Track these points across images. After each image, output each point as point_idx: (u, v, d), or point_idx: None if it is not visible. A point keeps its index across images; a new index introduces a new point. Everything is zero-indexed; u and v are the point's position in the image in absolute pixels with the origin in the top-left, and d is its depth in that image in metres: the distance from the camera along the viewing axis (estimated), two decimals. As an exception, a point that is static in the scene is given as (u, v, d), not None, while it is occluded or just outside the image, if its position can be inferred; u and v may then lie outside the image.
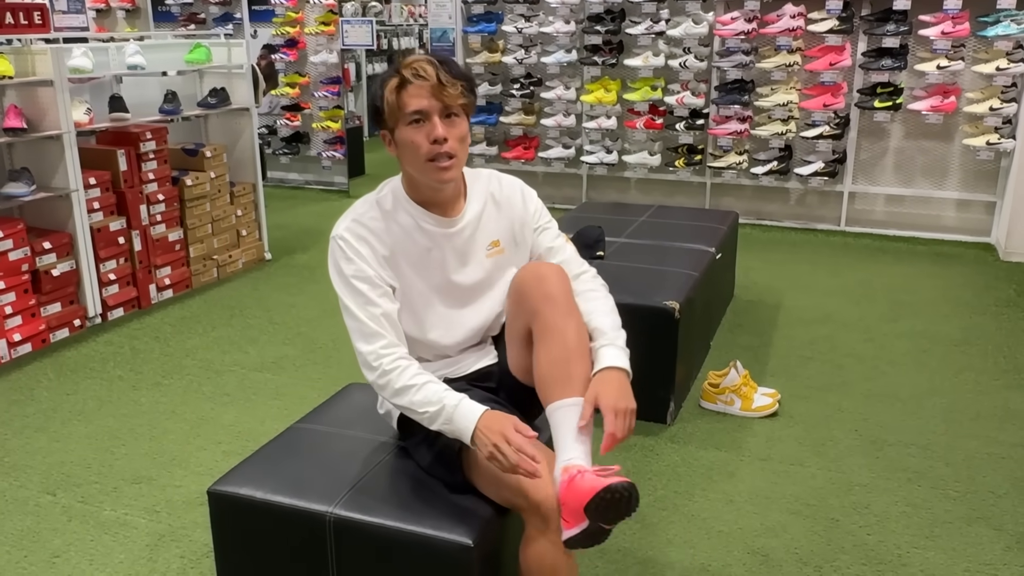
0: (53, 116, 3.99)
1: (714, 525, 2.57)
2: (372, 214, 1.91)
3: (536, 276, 1.86)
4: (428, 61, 1.82)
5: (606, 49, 6.12)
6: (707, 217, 4.41)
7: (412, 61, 1.82)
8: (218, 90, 4.99)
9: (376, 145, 9.53)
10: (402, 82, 1.81)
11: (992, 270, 5.04)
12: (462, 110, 1.84)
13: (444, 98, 1.80)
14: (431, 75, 1.79)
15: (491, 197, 2.00)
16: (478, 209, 1.97)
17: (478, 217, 1.97)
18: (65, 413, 3.35)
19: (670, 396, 3.16)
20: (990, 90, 5.33)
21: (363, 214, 1.91)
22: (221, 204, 4.97)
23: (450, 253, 1.94)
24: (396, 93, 1.82)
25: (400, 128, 1.84)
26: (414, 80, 1.80)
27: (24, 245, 3.88)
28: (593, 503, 1.59)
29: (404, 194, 1.94)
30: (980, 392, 3.43)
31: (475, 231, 1.96)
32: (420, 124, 1.81)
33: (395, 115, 1.83)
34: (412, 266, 1.92)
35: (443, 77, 1.79)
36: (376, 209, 1.92)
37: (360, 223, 1.90)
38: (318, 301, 4.59)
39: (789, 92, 5.73)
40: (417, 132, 1.81)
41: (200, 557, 2.44)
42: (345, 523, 1.83)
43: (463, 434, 1.73)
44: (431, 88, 1.79)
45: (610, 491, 1.59)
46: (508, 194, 2.02)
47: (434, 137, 1.80)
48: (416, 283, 1.93)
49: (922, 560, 2.39)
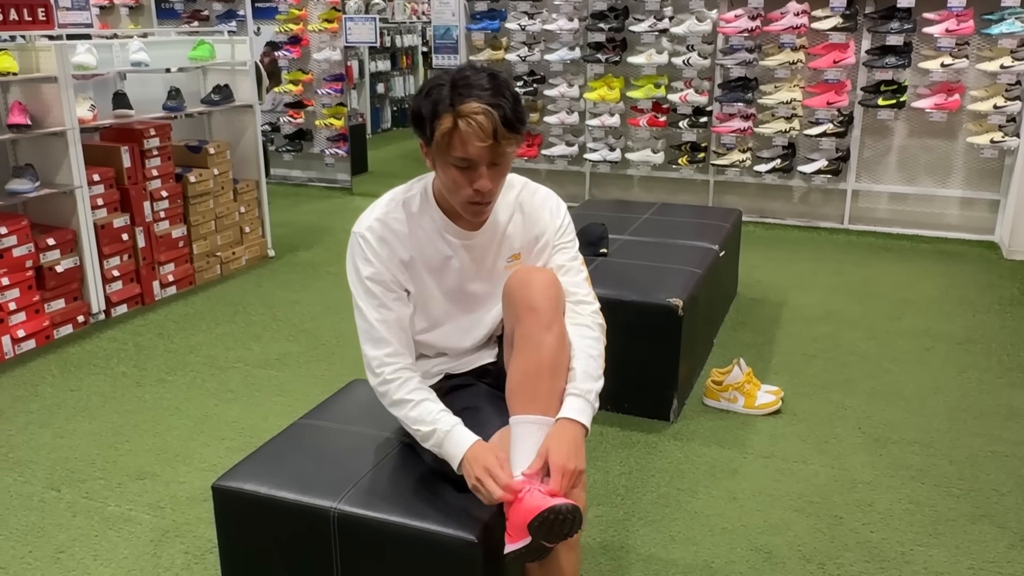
0: (57, 113, 4.00)
1: (717, 522, 2.57)
2: (397, 215, 1.87)
3: (523, 283, 1.83)
4: (486, 114, 1.66)
5: (609, 47, 6.11)
6: (710, 215, 4.41)
7: (470, 111, 1.67)
8: (221, 87, 5.00)
9: (379, 142, 9.54)
10: (454, 127, 1.69)
11: (996, 268, 5.03)
12: (511, 154, 1.76)
13: (495, 153, 1.71)
14: (487, 132, 1.67)
15: (520, 207, 1.95)
16: (504, 221, 1.93)
17: (503, 229, 1.93)
18: (69, 409, 3.35)
19: (673, 393, 3.16)
20: (994, 88, 5.32)
21: (388, 213, 1.87)
22: (224, 201, 4.98)
23: (470, 263, 1.92)
24: (447, 135, 1.69)
25: (443, 163, 1.75)
26: (467, 132, 1.68)
27: (28, 241, 3.89)
28: (536, 521, 1.60)
29: (433, 199, 1.89)
30: (983, 390, 3.42)
31: (498, 244, 1.94)
32: (464, 169, 1.73)
33: (440, 150, 1.73)
34: (431, 272, 1.91)
35: (500, 134, 1.68)
36: (402, 210, 1.88)
37: (384, 223, 1.86)
38: (321, 298, 4.59)
39: (793, 90, 5.72)
40: (460, 175, 1.74)
41: (204, 553, 2.45)
42: (349, 519, 1.83)
43: (451, 460, 1.76)
44: (486, 146, 1.69)
45: (554, 512, 1.60)
46: (537, 205, 1.96)
47: (477, 187, 1.74)
48: (432, 289, 1.92)
49: (925, 558, 2.39)
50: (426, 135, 1.74)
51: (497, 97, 1.69)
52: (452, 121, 1.68)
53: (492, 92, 1.69)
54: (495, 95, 1.69)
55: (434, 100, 1.71)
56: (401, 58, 10.70)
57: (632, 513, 2.61)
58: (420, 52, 10.83)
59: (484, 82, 1.70)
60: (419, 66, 10.91)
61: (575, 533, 1.65)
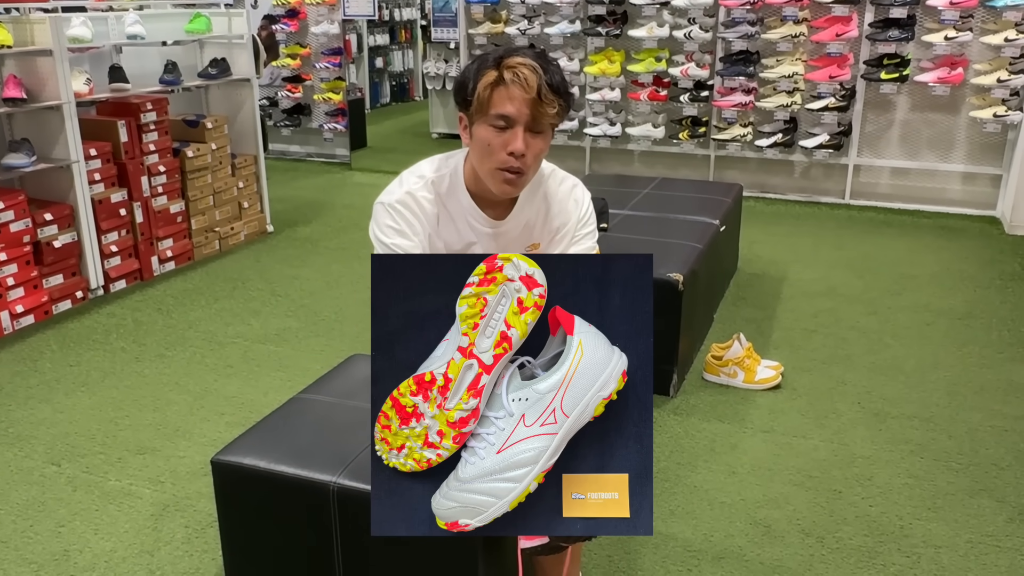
0: (53, 86, 3.96)
1: (717, 496, 2.57)
2: (425, 194, 1.83)
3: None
4: (532, 67, 1.68)
5: (610, 20, 6.05)
6: (711, 190, 4.39)
7: (516, 61, 1.68)
8: (219, 60, 4.95)
9: (378, 117, 9.48)
10: (499, 80, 1.68)
11: (997, 243, 5.02)
12: (550, 126, 1.74)
13: (537, 112, 1.69)
14: (532, 86, 1.67)
15: (544, 197, 1.91)
16: (529, 212, 1.90)
17: (527, 220, 1.91)
18: (69, 384, 3.35)
19: (673, 368, 3.16)
20: (998, 61, 5.27)
21: (417, 191, 1.82)
22: (223, 176, 4.95)
23: (492, 251, 1.88)
24: (489, 89, 1.69)
25: (481, 124, 1.72)
26: (512, 83, 1.67)
27: (25, 216, 3.87)
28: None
29: (462, 181, 1.84)
30: (983, 365, 3.42)
31: (519, 233, 1.91)
32: (502, 129, 1.70)
33: (481, 110, 1.71)
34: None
35: (543, 91, 1.67)
36: (430, 189, 1.84)
37: (413, 197, 1.82)
38: (321, 273, 4.58)
39: (795, 63, 5.67)
40: (496, 136, 1.71)
41: (204, 527, 2.45)
42: (349, 492, 1.83)
43: None
44: (528, 99, 1.67)
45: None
46: (563, 196, 1.93)
47: (511, 149, 1.70)
48: None
49: (924, 531, 2.40)
50: (468, 96, 1.72)
51: (543, 61, 1.72)
52: (497, 74, 1.68)
53: (538, 57, 1.73)
54: (541, 59, 1.72)
55: (480, 61, 1.73)
56: (400, 32, 10.61)
57: (632, 487, 2.61)
58: (419, 26, 10.73)
59: (530, 50, 1.74)
60: (418, 40, 10.82)
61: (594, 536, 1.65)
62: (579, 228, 1.95)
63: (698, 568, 2.26)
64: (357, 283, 4.39)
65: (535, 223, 1.92)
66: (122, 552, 2.36)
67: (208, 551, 2.35)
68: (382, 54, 10.38)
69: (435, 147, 8.00)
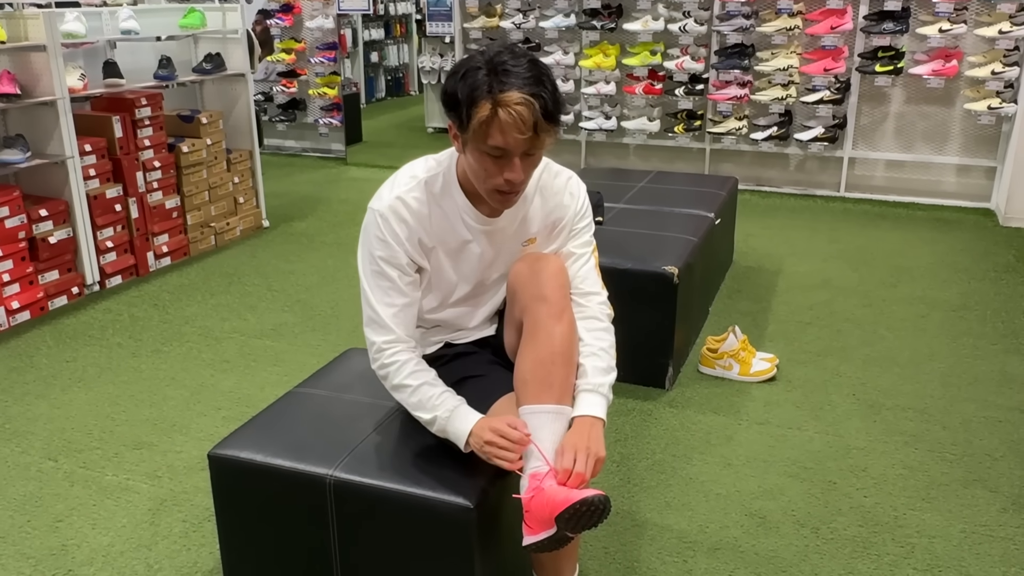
0: (47, 82, 3.95)
1: (712, 488, 2.58)
2: (418, 195, 1.81)
3: (532, 272, 1.82)
4: (527, 105, 1.61)
5: (605, 13, 6.05)
6: (706, 183, 4.39)
7: (512, 101, 1.60)
8: (213, 55, 4.94)
9: (373, 112, 9.47)
10: (493, 115, 1.62)
11: (992, 235, 5.03)
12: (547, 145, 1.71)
13: (532, 144, 1.66)
14: (527, 124, 1.62)
15: (540, 190, 1.89)
16: (524, 206, 1.88)
17: (522, 214, 1.90)
18: (65, 380, 3.35)
19: (668, 361, 3.17)
20: (992, 54, 5.28)
21: (408, 193, 1.81)
22: (218, 171, 4.94)
23: (489, 248, 1.90)
24: (484, 124, 1.63)
25: (475, 150, 1.69)
26: (507, 123, 1.62)
27: (20, 212, 3.86)
28: (567, 513, 1.59)
29: (456, 180, 1.83)
30: (978, 357, 3.43)
31: (516, 228, 1.90)
32: (498, 159, 1.67)
33: (476, 138, 1.66)
34: (448, 255, 1.88)
35: (540, 126, 1.63)
36: (423, 190, 1.82)
37: (404, 202, 1.80)
38: (316, 268, 4.58)
39: (790, 56, 5.68)
40: (492, 163, 1.68)
41: (202, 521, 2.46)
42: (345, 485, 1.83)
43: (458, 442, 1.77)
44: (524, 138, 1.64)
45: (586, 504, 1.59)
46: (558, 189, 1.92)
47: (508, 177, 1.68)
48: (449, 272, 1.89)
49: (918, 522, 2.41)
50: (460, 120, 1.67)
51: (538, 87, 1.63)
52: (491, 110, 1.62)
53: (533, 81, 1.63)
54: (536, 84, 1.63)
55: (471, 85, 1.64)
56: (395, 26, 10.59)
57: (628, 480, 2.62)
58: (414, 20, 10.71)
59: (524, 70, 1.64)
60: (413, 34, 10.80)
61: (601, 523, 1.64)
62: (576, 222, 1.95)
63: (694, 559, 2.27)
64: (353, 278, 4.37)
65: (531, 217, 1.92)
66: (120, 546, 2.37)
67: (206, 545, 2.36)
68: (377, 48, 10.37)
69: (431, 141, 8.00)
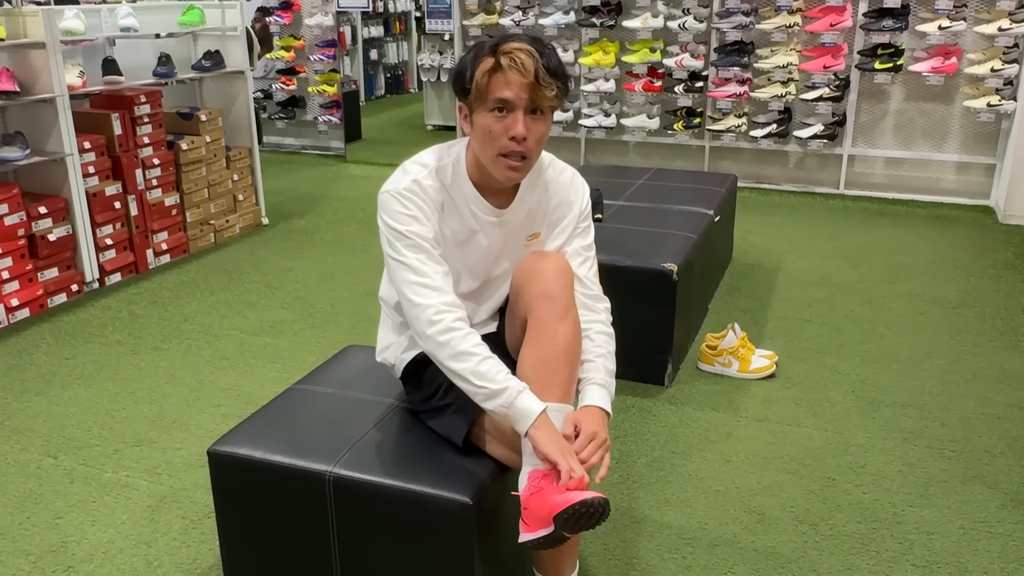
0: (46, 79, 3.95)
1: (711, 485, 2.59)
2: (431, 183, 1.82)
3: (536, 270, 1.83)
4: (528, 52, 1.69)
5: (604, 10, 6.05)
6: (706, 180, 4.39)
7: (512, 47, 1.70)
8: (212, 53, 4.94)
9: (372, 109, 9.47)
10: (496, 66, 1.69)
11: (991, 233, 5.03)
12: (549, 109, 1.74)
13: (535, 95, 1.70)
14: (529, 70, 1.68)
15: (546, 186, 1.91)
16: (531, 200, 1.90)
17: (529, 208, 1.91)
18: (65, 377, 3.36)
19: (668, 358, 3.17)
20: (992, 51, 5.28)
21: (423, 179, 1.81)
22: (217, 169, 4.94)
23: (496, 240, 1.90)
24: (487, 76, 1.70)
25: (480, 112, 1.73)
26: (509, 68, 1.68)
27: (20, 210, 3.87)
28: (566, 513, 1.59)
29: (464, 170, 1.85)
30: (977, 354, 3.44)
31: (521, 222, 1.91)
32: (502, 114, 1.71)
33: (480, 97, 1.72)
34: (457, 246, 1.88)
35: (541, 75, 1.68)
36: (435, 178, 1.83)
37: (420, 185, 1.80)
38: (316, 265, 4.58)
39: (789, 54, 5.67)
40: (497, 122, 1.71)
41: (201, 518, 2.46)
42: (344, 482, 1.84)
43: (520, 421, 1.68)
44: (526, 83, 1.68)
45: (586, 505, 1.59)
46: (563, 186, 1.94)
47: (513, 133, 1.70)
48: (456, 263, 1.89)
49: (917, 518, 2.42)
50: (466, 85, 1.74)
51: (539, 45, 1.74)
52: (494, 61, 1.70)
53: (534, 41, 1.75)
54: (537, 44, 1.74)
55: (475, 52, 1.75)
56: (394, 24, 10.58)
57: (627, 476, 2.63)
58: (413, 17, 10.71)
59: (526, 37, 1.77)
60: (412, 32, 10.80)
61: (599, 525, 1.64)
62: (580, 221, 1.97)
63: (693, 555, 2.28)
64: (352, 275, 4.39)
65: (537, 211, 1.93)
66: (119, 543, 2.37)
67: (205, 541, 2.36)
68: (376, 46, 10.36)
69: (430, 139, 8.00)
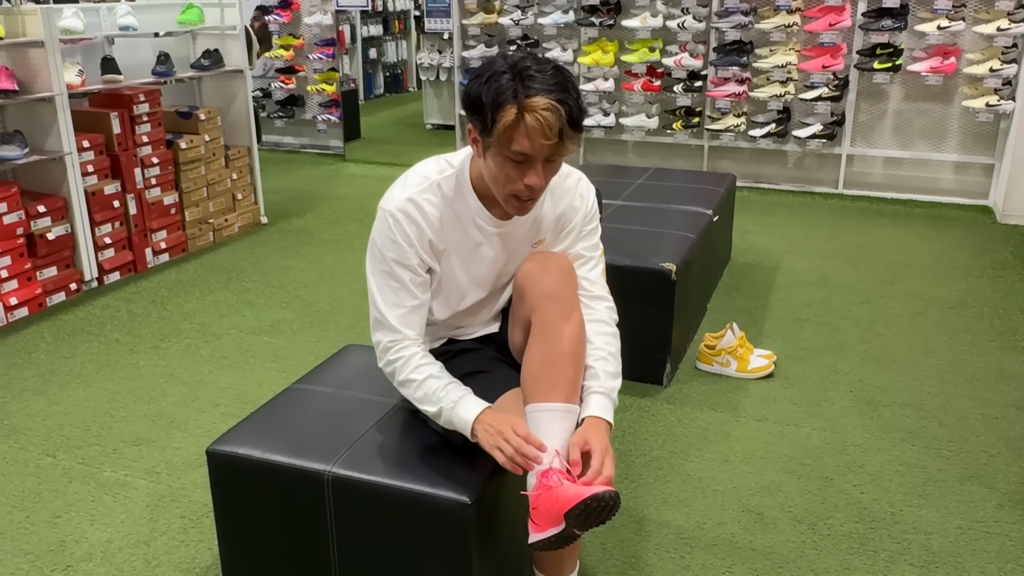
0: (45, 78, 3.95)
1: (709, 484, 2.59)
2: (430, 196, 1.80)
3: (540, 271, 1.82)
4: (554, 110, 1.60)
5: (603, 10, 6.05)
6: (704, 180, 4.40)
7: (539, 105, 1.60)
8: (211, 52, 4.94)
9: (372, 108, 9.46)
10: (519, 119, 1.61)
11: (989, 233, 5.04)
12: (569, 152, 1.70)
13: (557, 150, 1.65)
14: (553, 131, 1.61)
15: (551, 190, 1.86)
16: (536, 208, 1.87)
17: (534, 216, 1.88)
18: (63, 376, 3.36)
19: (666, 358, 3.17)
20: (990, 51, 5.28)
21: (420, 194, 1.79)
22: (216, 168, 4.94)
23: (501, 251, 1.89)
24: (509, 128, 1.62)
25: (497, 154, 1.68)
26: (533, 128, 1.61)
27: (19, 208, 3.86)
28: (576, 510, 1.58)
29: (468, 183, 1.81)
30: (975, 353, 3.44)
31: (527, 231, 1.90)
32: (520, 164, 1.66)
33: (499, 143, 1.65)
34: (460, 259, 1.87)
35: (565, 133, 1.62)
36: (436, 192, 1.80)
37: (415, 204, 1.78)
38: (315, 265, 4.58)
39: (788, 53, 5.67)
40: (514, 169, 1.67)
41: (200, 517, 2.46)
42: (343, 481, 1.84)
43: (463, 431, 1.76)
44: (549, 144, 1.63)
45: (597, 500, 1.58)
46: (568, 190, 1.92)
47: (529, 183, 1.68)
48: (459, 274, 1.89)
49: (915, 518, 2.42)
50: (484, 124, 1.66)
51: (563, 93, 1.62)
52: (517, 114, 1.61)
53: (558, 87, 1.63)
54: (561, 91, 1.63)
55: (496, 89, 1.63)
56: (393, 22, 10.58)
57: (625, 476, 2.63)
58: (412, 16, 10.70)
59: (549, 76, 1.64)
60: (411, 30, 10.79)
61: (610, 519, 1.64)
62: (585, 224, 1.96)
63: (691, 555, 2.28)
64: (351, 274, 4.39)
65: (542, 218, 1.91)
66: (118, 542, 2.37)
67: (204, 541, 2.36)
68: (376, 45, 10.36)
69: (429, 138, 8.00)
